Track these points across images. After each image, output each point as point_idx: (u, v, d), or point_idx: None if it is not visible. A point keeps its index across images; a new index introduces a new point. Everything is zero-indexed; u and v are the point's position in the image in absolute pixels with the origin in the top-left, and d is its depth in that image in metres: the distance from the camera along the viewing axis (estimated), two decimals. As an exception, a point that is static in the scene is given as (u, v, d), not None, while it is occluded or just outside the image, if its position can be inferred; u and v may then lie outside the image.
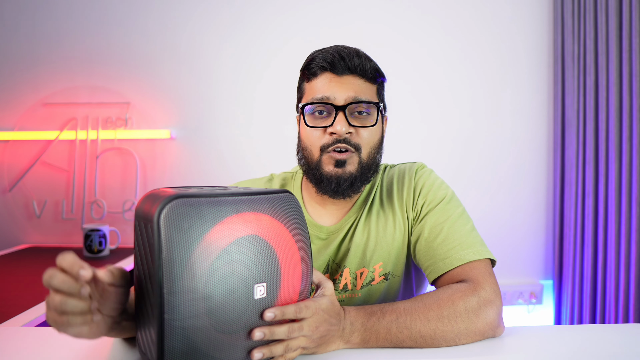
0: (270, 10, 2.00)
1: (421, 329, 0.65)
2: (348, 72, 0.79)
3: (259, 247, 0.55)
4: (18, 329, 0.76)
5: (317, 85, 0.80)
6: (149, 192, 0.54)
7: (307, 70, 0.81)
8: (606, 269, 1.80)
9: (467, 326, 0.66)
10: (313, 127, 0.80)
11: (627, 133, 1.69)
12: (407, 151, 2.01)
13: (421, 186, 0.84)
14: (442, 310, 0.66)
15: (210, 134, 2.02)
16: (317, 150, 0.80)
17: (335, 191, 0.80)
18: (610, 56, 1.74)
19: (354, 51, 0.80)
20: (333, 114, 0.78)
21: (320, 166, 0.80)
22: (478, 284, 0.70)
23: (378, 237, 0.85)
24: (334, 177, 0.79)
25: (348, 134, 0.78)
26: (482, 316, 0.67)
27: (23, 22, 2.01)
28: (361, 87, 0.79)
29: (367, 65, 0.80)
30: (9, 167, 2.03)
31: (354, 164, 0.79)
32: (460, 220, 0.80)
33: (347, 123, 0.77)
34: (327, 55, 0.78)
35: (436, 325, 0.65)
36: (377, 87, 0.83)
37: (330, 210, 0.87)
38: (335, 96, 0.78)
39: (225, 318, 0.52)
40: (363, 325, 0.64)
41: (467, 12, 1.99)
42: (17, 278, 1.41)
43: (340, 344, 0.64)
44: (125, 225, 2.01)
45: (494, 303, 0.69)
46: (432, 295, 0.69)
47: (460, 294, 0.68)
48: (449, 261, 0.76)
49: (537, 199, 2.03)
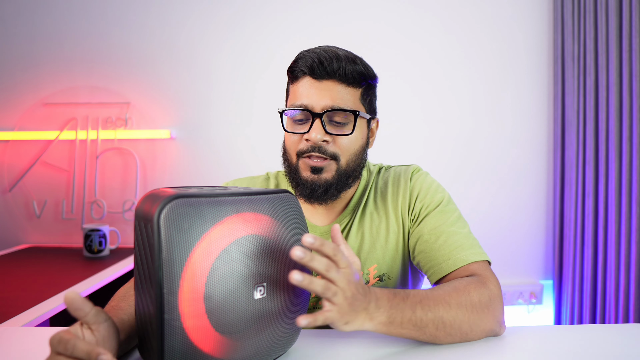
0: (269, 10, 2.00)
1: (443, 314, 0.64)
2: (327, 76, 0.77)
3: (259, 247, 0.55)
4: (18, 329, 0.76)
5: (298, 90, 0.80)
6: (149, 192, 0.54)
7: (291, 72, 0.82)
8: (606, 269, 1.79)
9: (480, 318, 0.67)
10: (291, 133, 0.80)
11: (627, 133, 1.69)
12: (407, 151, 2.01)
13: (418, 190, 0.85)
14: (460, 298, 0.66)
15: (210, 134, 2.02)
16: (294, 155, 0.81)
17: (310, 196, 0.80)
18: (610, 56, 1.74)
19: (334, 54, 0.77)
20: (310, 121, 0.78)
21: (298, 170, 0.81)
22: (486, 278, 0.72)
23: (372, 239, 0.85)
24: (309, 182, 0.79)
25: (324, 142, 0.78)
26: (492, 309, 0.68)
27: (23, 22, 2.01)
28: (340, 94, 0.78)
29: (349, 68, 0.78)
30: (9, 167, 2.03)
31: (331, 172, 0.79)
32: (458, 223, 0.81)
33: (323, 131, 0.77)
34: (308, 59, 0.78)
35: (456, 313, 0.65)
36: (361, 91, 0.81)
37: (320, 211, 0.88)
38: (313, 103, 0.77)
39: (225, 318, 0.52)
40: (389, 301, 0.61)
41: (467, 11, 1.99)
42: (17, 278, 1.41)
43: (365, 321, 0.59)
44: (125, 225, 2.01)
45: (500, 297, 0.71)
46: (448, 285, 0.69)
47: (474, 286, 0.69)
48: (452, 262, 0.76)
49: (537, 199, 2.03)
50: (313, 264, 0.52)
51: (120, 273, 1.53)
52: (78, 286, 1.32)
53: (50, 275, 1.46)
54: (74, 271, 1.51)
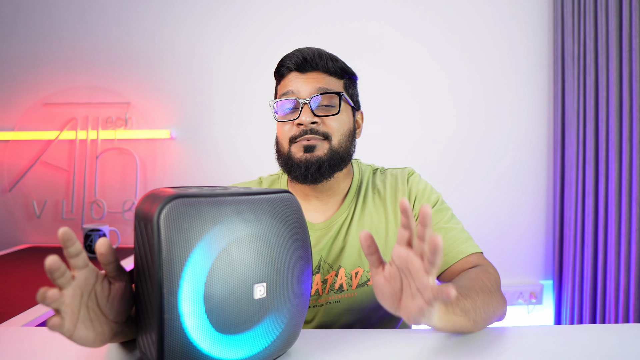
0: (269, 10, 2.00)
1: (477, 300, 0.65)
2: (312, 69, 0.85)
3: (259, 247, 0.55)
4: (18, 329, 0.76)
5: (284, 83, 0.87)
6: (149, 192, 0.54)
7: (277, 73, 0.89)
8: (606, 269, 1.79)
9: (496, 302, 0.70)
10: (282, 121, 0.85)
11: (627, 133, 1.69)
12: (406, 150, 2.01)
13: (415, 191, 0.90)
14: (478, 287, 0.69)
15: (210, 133, 2.02)
16: (286, 142, 0.85)
17: (305, 175, 0.83)
18: (610, 56, 1.74)
19: (316, 52, 0.85)
20: (299, 108, 0.83)
21: (291, 155, 0.85)
22: (487, 266, 0.78)
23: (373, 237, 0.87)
24: (303, 162, 0.83)
25: (313, 123, 0.82)
26: (500, 293, 0.74)
27: (23, 22, 2.01)
28: (326, 81, 0.85)
29: (330, 63, 0.85)
30: (9, 167, 2.03)
31: (323, 150, 0.83)
32: (452, 220, 0.88)
33: (311, 114, 0.82)
34: (292, 57, 0.85)
35: (483, 300, 0.66)
36: (343, 82, 0.88)
37: (315, 205, 0.90)
38: (300, 90, 0.84)
39: (225, 318, 0.52)
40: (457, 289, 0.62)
41: (467, 11, 1.99)
42: (17, 278, 1.41)
43: (442, 311, 0.59)
44: (125, 225, 2.01)
45: (500, 285, 0.76)
46: (463, 277, 0.73)
47: (483, 274, 0.74)
48: (453, 255, 0.82)
49: (537, 199, 2.03)
50: None
51: (120, 273, 1.53)
52: (78, 286, 1.31)
53: (50, 275, 1.46)
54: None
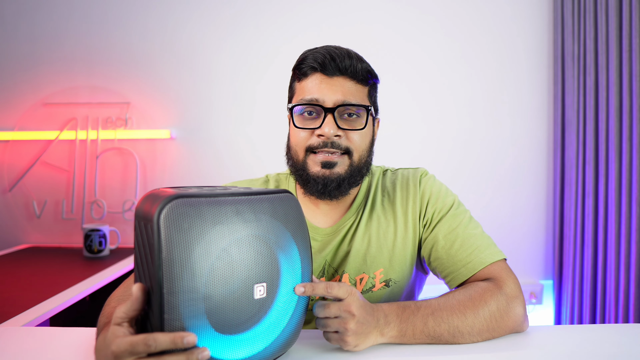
0: (270, 12, 2.00)
1: (459, 324, 0.66)
2: (339, 73, 0.77)
3: (259, 247, 0.55)
4: (18, 329, 0.76)
5: (307, 85, 0.79)
6: (149, 192, 0.54)
7: (298, 70, 0.80)
8: (606, 269, 1.79)
9: (500, 325, 0.69)
10: (301, 128, 0.79)
11: (627, 133, 1.69)
12: (406, 152, 2.01)
13: (429, 194, 0.84)
14: (478, 309, 0.68)
15: (210, 134, 2.02)
16: (302, 151, 0.79)
17: (322, 192, 0.79)
18: (610, 56, 1.74)
19: (345, 52, 0.78)
20: (322, 116, 0.76)
21: (305, 167, 0.79)
22: (503, 281, 0.73)
23: (379, 242, 0.84)
24: (321, 178, 0.78)
25: (336, 136, 0.77)
26: (511, 314, 0.70)
27: (23, 22, 2.01)
28: (351, 90, 0.78)
29: (359, 66, 0.78)
30: (9, 167, 2.03)
31: (344, 166, 0.78)
32: (471, 224, 0.81)
33: (335, 125, 0.76)
34: (318, 56, 0.77)
35: (473, 322, 0.67)
36: (368, 89, 0.81)
37: (324, 210, 0.86)
38: (325, 98, 0.76)
39: (225, 318, 0.52)
40: (397, 317, 0.64)
41: (466, 12, 1.99)
42: (17, 278, 1.41)
43: (378, 337, 0.63)
44: (125, 225, 2.01)
45: (519, 298, 0.72)
46: (463, 293, 0.70)
47: (490, 293, 0.70)
48: (471, 266, 0.76)
49: (537, 199, 2.03)
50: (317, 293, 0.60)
51: (120, 273, 1.53)
52: (78, 286, 1.32)
53: (50, 275, 1.46)
54: (74, 271, 1.51)
